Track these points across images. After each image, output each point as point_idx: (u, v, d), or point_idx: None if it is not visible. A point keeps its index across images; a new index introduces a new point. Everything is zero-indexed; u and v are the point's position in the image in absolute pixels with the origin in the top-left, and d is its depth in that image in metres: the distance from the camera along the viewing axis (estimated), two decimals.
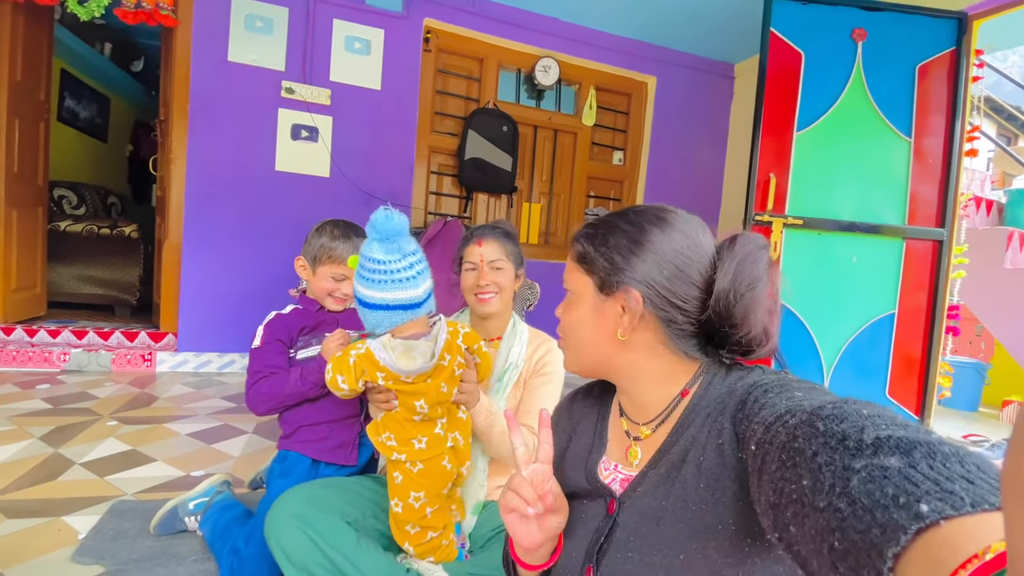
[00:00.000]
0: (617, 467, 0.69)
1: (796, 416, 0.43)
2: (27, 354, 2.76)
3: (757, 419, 0.50)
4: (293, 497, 1.07)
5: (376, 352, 1.00)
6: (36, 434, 1.94)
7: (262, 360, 1.29)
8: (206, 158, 2.91)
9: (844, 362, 2.40)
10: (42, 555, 1.27)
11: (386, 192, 3.25)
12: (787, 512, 0.38)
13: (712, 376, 0.63)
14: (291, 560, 1.00)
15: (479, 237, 1.29)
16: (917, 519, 0.29)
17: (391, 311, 0.99)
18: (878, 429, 0.36)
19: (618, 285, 0.63)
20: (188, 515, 1.39)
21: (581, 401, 0.80)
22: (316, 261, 1.35)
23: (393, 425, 1.06)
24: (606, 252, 0.65)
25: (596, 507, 0.67)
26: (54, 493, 1.56)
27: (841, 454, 0.36)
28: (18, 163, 3.03)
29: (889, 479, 0.32)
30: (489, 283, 1.26)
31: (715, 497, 0.54)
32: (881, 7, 2.35)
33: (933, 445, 0.34)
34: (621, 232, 0.65)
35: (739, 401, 0.57)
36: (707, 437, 0.58)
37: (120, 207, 4.64)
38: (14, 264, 3.02)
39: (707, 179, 4.07)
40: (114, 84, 5.10)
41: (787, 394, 0.50)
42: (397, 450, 1.05)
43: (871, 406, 0.41)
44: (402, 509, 1.07)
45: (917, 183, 2.38)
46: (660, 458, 0.62)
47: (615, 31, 3.66)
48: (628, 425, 0.69)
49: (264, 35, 2.94)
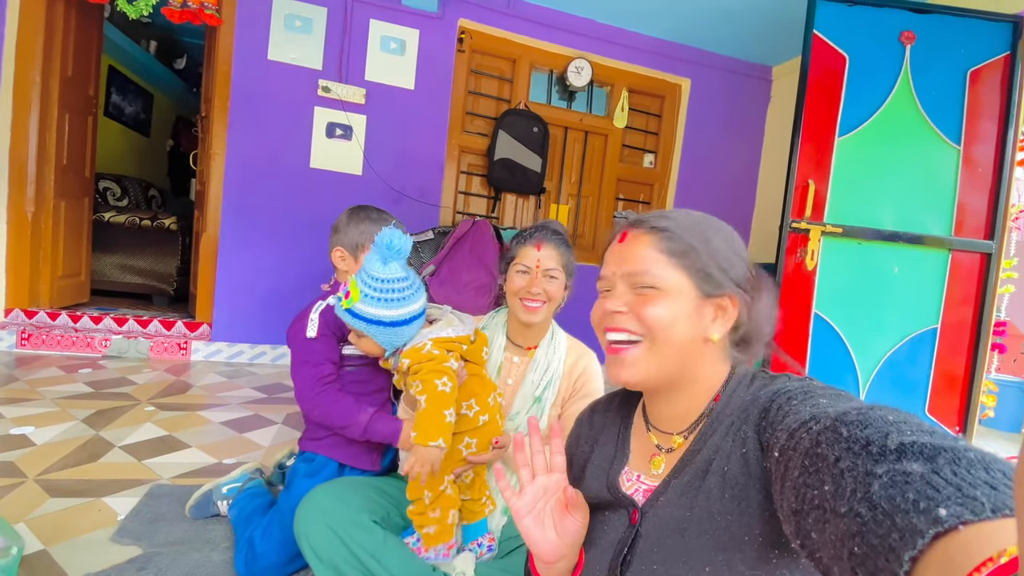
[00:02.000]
0: (639, 477, 0.68)
1: (820, 422, 0.43)
2: (71, 339, 2.87)
3: (781, 426, 0.49)
4: (322, 496, 1.09)
5: (446, 332, 1.09)
6: (78, 416, 2.02)
7: (321, 352, 1.23)
8: (244, 154, 2.98)
9: (882, 377, 2.32)
10: (83, 534, 1.32)
11: (416, 191, 3.28)
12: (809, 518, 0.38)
13: (737, 383, 0.64)
14: (320, 558, 1.02)
15: (540, 240, 1.22)
16: (935, 523, 0.29)
17: (417, 319, 1.09)
18: (903, 435, 0.36)
19: (722, 289, 0.63)
20: (221, 499, 1.42)
21: (602, 412, 0.79)
22: (359, 248, 1.32)
23: (474, 384, 1.16)
24: (711, 254, 0.63)
25: (618, 518, 0.66)
26: (95, 474, 1.61)
27: (864, 459, 0.36)
28: (67, 155, 3.16)
29: (911, 484, 0.32)
30: (540, 291, 1.20)
31: (741, 508, 0.53)
32: (932, 9, 2.27)
33: (959, 451, 0.33)
34: (718, 235, 0.64)
35: (763, 409, 0.56)
36: (731, 446, 0.57)
37: (160, 200, 4.81)
38: (61, 252, 3.16)
39: (740, 184, 3.99)
40: (158, 81, 5.28)
41: (812, 401, 0.50)
42: (480, 413, 1.15)
43: (897, 412, 0.40)
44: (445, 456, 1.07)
45: (965, 192, 2.29)
46: (683, 467, 0.62)
47: (650, 32, 3.62)
48: (658, 437, 0.68)
49: (303, 34, 3.00)
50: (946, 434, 0.36)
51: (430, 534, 1.11)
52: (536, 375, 1.26)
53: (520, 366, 1.30)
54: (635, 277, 0.63)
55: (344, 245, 1.33)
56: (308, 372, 1.22)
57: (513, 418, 1.26)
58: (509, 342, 1.31)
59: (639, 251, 0.64)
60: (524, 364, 1.30)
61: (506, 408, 1.27)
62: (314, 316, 1.26)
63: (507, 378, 1.30)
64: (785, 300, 2.33)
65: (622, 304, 0.64)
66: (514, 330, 1.30)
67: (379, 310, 1.03)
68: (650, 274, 0.63)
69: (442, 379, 1.02)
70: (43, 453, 1.71)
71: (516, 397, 1.28)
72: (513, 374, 1.30)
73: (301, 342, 1.25)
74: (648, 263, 0.63)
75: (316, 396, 1.21)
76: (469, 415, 1.13)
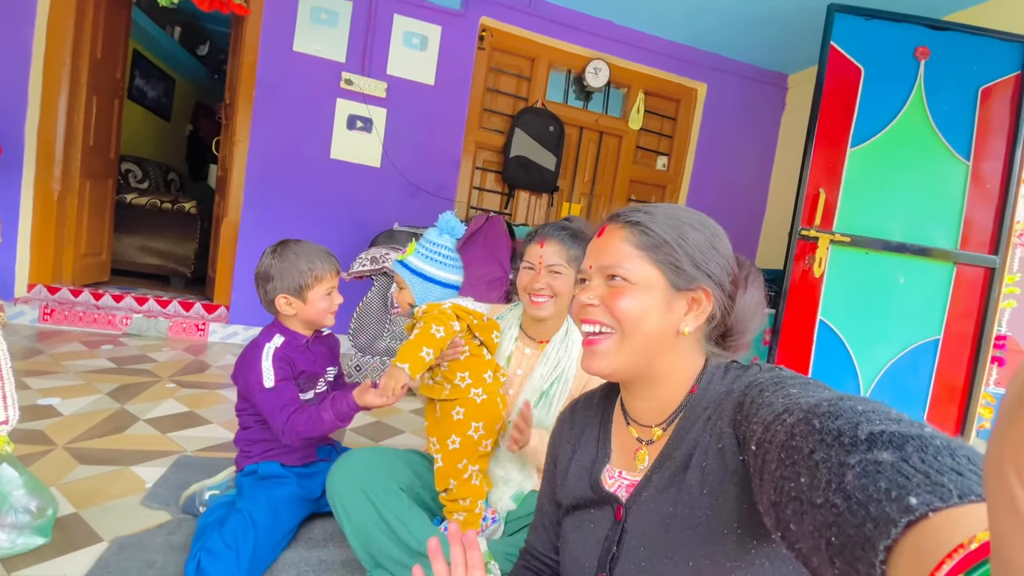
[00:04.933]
0: (621, 473, 0.69)
1: (793, 415, 0.44)
2: (92, 316, 2.95)
3: (756, 419, 0.50)
4: (355, 462, 1.17)
5: (464, 302, 1.24)
6: (103, 390, 2.10)
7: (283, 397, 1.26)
8: (267, 142, 3.05)
9: (883, 385, 2.37)
10: (114, 499, 1.39)
11: (432, 185, 3.34)
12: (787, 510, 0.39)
13: (711, 375, 0.65)
14: (350, 518, 1.10)
15: (542, 237, 1.27)
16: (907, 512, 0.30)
17: (450, 288, 1.24)
18: (872, 424, 0.37)
19: (694, 283, 0.64)
20: (202, 504, 1.37)
21: (582, 411, 0.80)
22: (303, 289, 1.30)
23: (472, 361, 1.23)
24: (686, 247, 0.64)
25: (603, 515, 0.68)
26: (122, 444, 1.69)
27: (836, 450, 0.37)
28: (94, 136, 3.24)
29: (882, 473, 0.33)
30: (544, 286, 1.24)
31: (719, 502, 0.55)
32: (947, 26, 2.31)
33: (926, 439, 0.35)
34: (694, 230, 0.65)
35: (736, 403, 0.57)
36: (708, 441, 0.59)
37: (179, 183, 4.89)
38: (85, 231, 3.24)
39: (752, 189, 4.03)
40: (180, 66, 5.36)
41: (783, 391, 0.51)
42: (473, 386, 1.21)
43: (866, 402, 0.41)
44: (460, 444, 1.19)
45: (973, 207, 2.33)
46: (664, 461, 0.63)
47: (668, 36, 3.66)
48: (638, 430, 0.69)
49: (328, 27, 3.07)
50: (912, 421, 0.38)
51: (459, 521, 1.19)
52: (545, 368, 1.30)
53: (531, 358, 1.35)
54: (608, 270, 0.65)
55: (284, 290, 1.30)
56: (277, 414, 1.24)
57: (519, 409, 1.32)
58: (523, 334, 1.37)
59: (613, 245, 0.66)
60: (535, 356, 1.34)
61: (514, 397, 1.32)
62: (267, 364, 1.27)
63: (517, 368, 1.35)
64: (791, 306, 2.38)
65: (594, 296, 0.66)
66: (528, 324, 1.36)
67: (423, 264, 1.21)
68: (621, 267, 0.64)
69: (439, 327, 1.13)
70: (71, 423, 1.78)
71: (524, 387, 1.33)
72: (523, 365, 1.35)
73: (261, 393, 1.26)
74: (620, 257, 0.65)
75: (287, 423, 1.23)
76: (461, 386, 1.20)
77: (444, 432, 1.21)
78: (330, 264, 1.34)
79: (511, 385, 1.33)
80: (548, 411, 1.30)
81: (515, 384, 1.33)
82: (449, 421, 1.20)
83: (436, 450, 1.21)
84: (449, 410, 1.20)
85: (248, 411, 1.37)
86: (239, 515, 1.19)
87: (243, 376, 1.31)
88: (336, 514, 1.13)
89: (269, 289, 1.30)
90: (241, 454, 1.39)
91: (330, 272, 1.34)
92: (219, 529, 1.17)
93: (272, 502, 1.26)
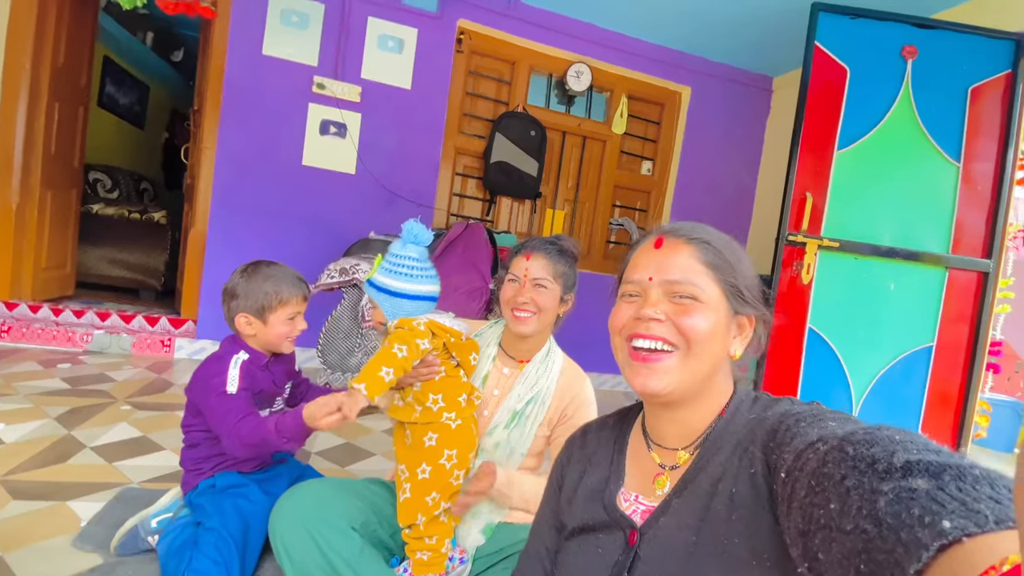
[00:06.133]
0: (638, 498, 0.66)
1: (827, 443, 0.43)
2: (51, 332, 2.81)
3: (788, 448, 0.49)
4: (301, 495, 1.07)
5: (440, 319, 1.16)
6: (52, 414, 1.96)
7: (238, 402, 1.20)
8: (236, 149, 2.93)
9: (875, 394, 2.29)
10: (44, 540, 1.27)
11: (410, 191, 3.23)
12: (816, 538, 0.38)
13: (740, 401, 0.64)
14: (291, 559, 1.00)
15: (528, 250, 1.22)
16: (940, 536, 0.29)
17: (422, 300, 1.15)
18: (909, 453, 0.36)
19: (746, 307, 0.65)
20: (151, 534, 1.26)
21: (595, 433, 0.78)
22: (265, 310, 1.27)
23: (447, 382, 1.16)
24: (742, 270, 0.65)
25: (614, 540, 0.64)
26: (62, 476, 1.56)
27: (870, 477, 0.36)
28: (56, 145, 3.10)
29: (916, 500, 0.32)
30: (528, 300, 1.18)
31: (750, 530, 0.52)
32: (934, 25, 2.25)
33: (964, 468, 0.34)
34: (746, 260, 0.67)
35: (770, 430, 0.55)
36: (739, 467, 0.57)
37: (152, 193, 4.75)
38: (46, 244, 3.10)
39: (738, 194, 3.97)
40: (154, 73, 5.23)
41: (820, 423, 0.49)
42: (446, 409, 1.13)
43: (903, 432, 0.40)
44: (430, 473, 1.10)
45: (964, 210, 2.26)
46: (685, 486, 0.61)
47: (651, 39, 3.60)
48: (661, 456, 0.67)
49: (299, 30, 2.96)
50: (951, 453, 0.36)
51: (423, 561, 1.09)
52: (523, 388, 1.23)
53: (509, 378, 1.27)
54: (676, 286, 0.62)
55: (246, 309, 1.28)
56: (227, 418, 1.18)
57: (491, 432, 1.22)
58: (502, 352, 1.29)
59: (680, 260, 0.63)
60: (513, 377, 1.27)
61: (488, 419, 1.24)
62: (234, 372, 1.24)
63: (493, 389, 1.27)
64: (780, 314, 2.29)
65: (660, 311, 0.62)
66: (508, 342, 1.28)
67: (388, 279, 1.14)
68: (693, 284, 0.62)
69: (402, 346, 1.05)
70: (11, 452, 1.65)
71: (499, 408, 1.24)
72: (500, 386, 1.28)
73: (218, 398, 1.20)
74: (691, 273, 0.63)
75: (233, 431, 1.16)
76: (433, 409, 1.13)
77: (415, 460, 1.11)
78: (297, 289, 1.32)
79: (485, 407, 1.25)
80: (522, 433, 1.23)
81: (490, 406, 1.25)
82: (420, 448, 1.11)
83: (405, 479, 1.12)
84: (421, 435, 1.12)
85: (197, 427, 1.31)
86: (212, 532, 1.16)
87: (202, 383, 1.25)
88: (276, 554, 1.02)
89: (232, 306, 1.29)
90: (190, 473, 1.32)
91: (296, 297, 1.31)
92: (195, 549, 1.14)
93: (240, 512, 1.22)
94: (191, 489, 1.30)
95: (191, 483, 1.31)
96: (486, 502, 1.21)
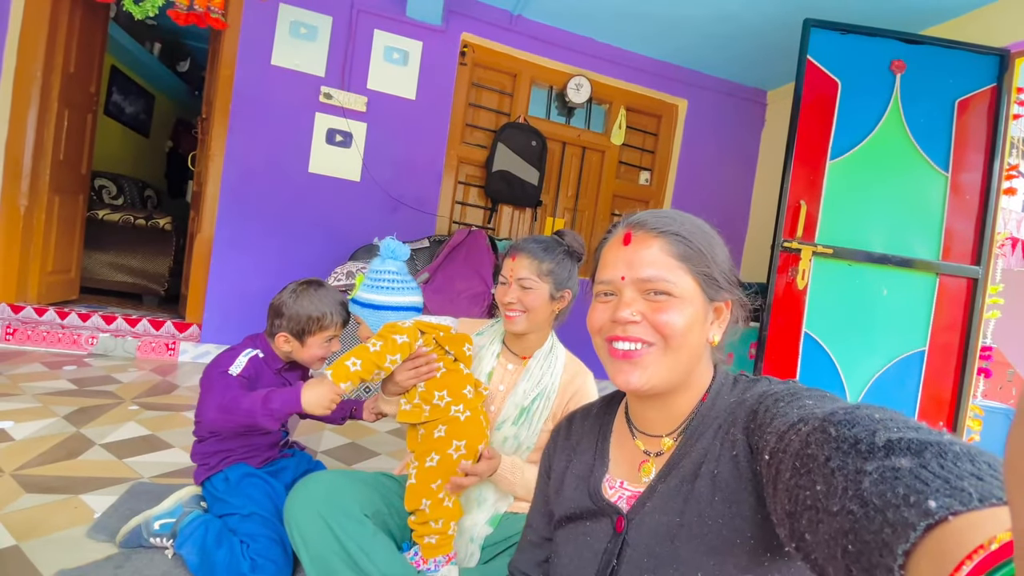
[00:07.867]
0: (623, 484, 0.67)
1: (808, 424, 0.43)
2: (57, 335, 2.83)
3: (770, 429, 0.49)
4: (315, 485, 1.09)
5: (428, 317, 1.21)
6: (60, 413, 1.99)
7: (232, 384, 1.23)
8: (243, 157, 2.99)
9: (870, 397, 2.34)
10: (58, 531, 1.29)
11: (413, 199, 3.29)
12: (802, 519, 0.38)
13: (721, 384, 0.64)
14: (308, 548, 1.02)
15: (514, 251, 1.26)
16: (926, 515, 0.29)
17: (405, 311, 1.22)
18: (889, 432, 0.37)
19: (722, 293, 0.64)
20: (153, 535, 1.26)
21: (580, 422, 0.78)
22: (305, 334, 1.33)
23: (448, 377, 1.18)
24: (715, 257, 0.63)
25: (601, 527, 0.65)
26: (73, 471, 1.58)
27: (853, 458, 0.36)
28: (64, 151, 3.15)
29: (900, 479, 0.32)
30: (514, 300, 1.22)
31: (732, 511, 0.53)
32: (922, 40, 2.33)
33: (944, 445, 0.34)
34: (718, 244, 0.65)
35: (750, 411, 0.56)
36: (720, 449, 0.57)
37: (156, 200, 4.79)
38: (52, 248, 3.13)
39: (734, 204, 4.04)
40: (160, 82, 5.30)
41: (798, 403, 0.50)
42: (453, 403, 1.15)
43: (883, 411, 0.41)
44: (438, 462, 1.13)
45: (953, 219, 2.33)
46: (669, 471, 0.61)
47: (649, 53, 3.69)
48: (645, 443, 0.67)
49: (307, 41, 3.04)
50: (931, 430, 0.37)
51: (431, 544, 1.12)
52: (527, 384, 1.26)
53: (513, 374, 1.31)
54: (649, 283, 0.61)
55: (286, 330, 1.34)
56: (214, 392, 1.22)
57: (500, 427, 1.26)
58: (505, 349, 1.33)
59: (650, 255, 0.61)
60: (518, 372, 1.30)
61: (495, 413, 1.27)
62: (243, 360, 1.29)
63: (499, 384, 1.31)
64: (776, 319, 2.35)
65: (635, 312, 0.61)
66: (510, 339, 1.32)
67: (371, 295, 1.21)
68: (666, 280, 0.60)
69: (377, 341, 1.09)
70: (21, 448, 1.68)
71: (506, 403, 1.28)
72: (505, 381, 1.31)
73: (219, 376, 1.25)
74: (662, 268, 0.61)
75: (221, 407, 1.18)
76: (440, 405, 1.15)
77: (425, 450, 1.15)
78: (339, 316, 1.38)
79: (492, 402, 1.29)
80: (529, 428, 1.26)
81: (496, 401, 1.29)
82: (430, 439, 1.15)
83: (414, 467, 1.15)
84: (432, 430, 1.15)
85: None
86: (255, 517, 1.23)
87: (212, 367, 1.30)
88: (292, 543, 1.05)
89: (276, 324, 1.35)
90: (200, 468, 1.36)
91: (337, 324, 1.37)
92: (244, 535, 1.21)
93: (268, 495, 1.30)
94: (204, 479, 1.34)
95: (202, 476, 1.35)
96: (492, 490, 1.24)
